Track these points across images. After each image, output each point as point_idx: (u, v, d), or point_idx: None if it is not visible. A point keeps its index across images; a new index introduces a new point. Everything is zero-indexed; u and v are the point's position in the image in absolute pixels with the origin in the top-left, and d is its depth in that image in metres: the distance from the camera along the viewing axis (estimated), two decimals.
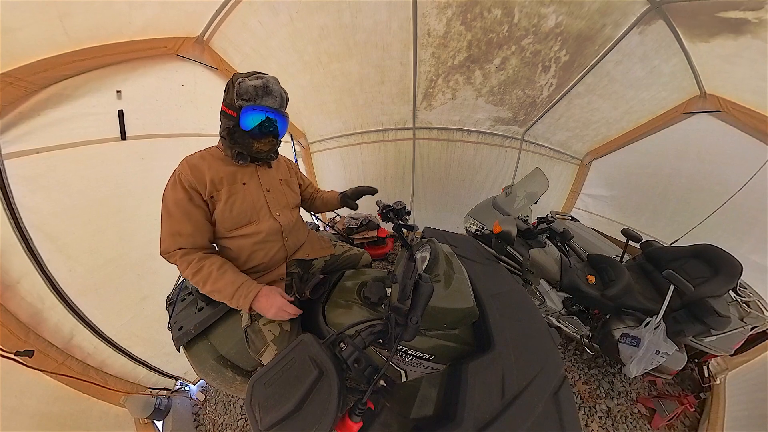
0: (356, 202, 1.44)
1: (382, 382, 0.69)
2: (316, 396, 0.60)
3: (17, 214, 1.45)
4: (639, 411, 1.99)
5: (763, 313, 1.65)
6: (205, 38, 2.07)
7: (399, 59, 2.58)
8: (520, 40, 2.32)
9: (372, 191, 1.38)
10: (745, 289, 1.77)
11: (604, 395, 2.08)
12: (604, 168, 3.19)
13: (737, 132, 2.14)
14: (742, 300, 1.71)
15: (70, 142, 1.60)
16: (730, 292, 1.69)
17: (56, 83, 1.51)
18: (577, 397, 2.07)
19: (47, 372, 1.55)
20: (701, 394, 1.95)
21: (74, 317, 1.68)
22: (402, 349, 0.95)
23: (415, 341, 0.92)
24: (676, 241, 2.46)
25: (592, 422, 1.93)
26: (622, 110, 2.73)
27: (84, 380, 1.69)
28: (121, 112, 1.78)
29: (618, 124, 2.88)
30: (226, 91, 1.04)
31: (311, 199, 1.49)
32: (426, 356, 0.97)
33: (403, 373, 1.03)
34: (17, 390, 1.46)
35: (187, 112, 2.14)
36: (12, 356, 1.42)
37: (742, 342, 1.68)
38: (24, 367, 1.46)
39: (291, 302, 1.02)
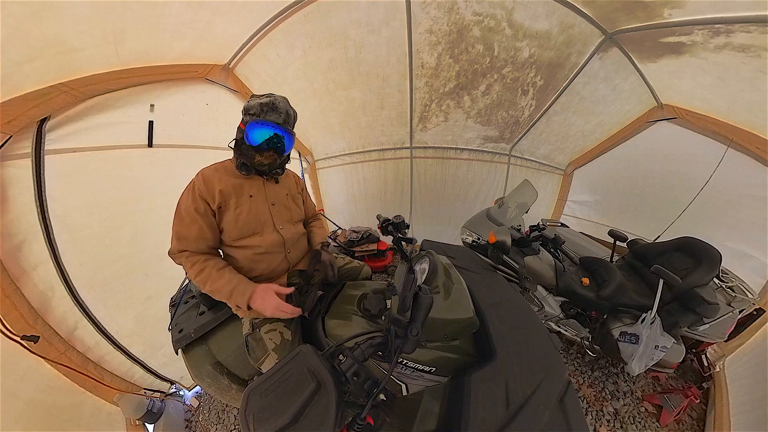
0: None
1: (381, 396, 0.66)
2: (313, 409, 0.58)
3: (45, 205, 1.57)
4: (646, 409, 1.92)
5: (747, 296, 1.71)
6: (230, 66, 2.38)
7: (397, 87, 2.88)
8: (500, 69, 2.65)
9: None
10: (727, 274, 1.82)
11: (610, 397, 2.02)
12: (586, 176, 3.43)
13: (693, 134, 2.42)
14: (726, 285, 1.77)
15: (103, 145, 1.78)
16: (715, 279, 1.75)
17: (102, 95, 1.73)
18: (583, 401, 1.99)
19: (48, 360, 1.55)
20: (704, 384, 1.91)
21: (79, 310, 1.71)
22: (402, 361, 0.92)
23: (416, 353, 0.88)
24: (659, 236, 2.55)
25: (600, 426, 1.85)
26: (594, 123, 3.03)
27: (82, 373, 1.67)
28: (151, 123, 2.01)
29: (593, 136, 3.17)
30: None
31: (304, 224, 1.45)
32: (427, 368, 0.93)
33: (403, 386, 0.99)
34: (17, 375, 1.47)
35: (208, 128, 2.38)
36: (18, 339, 1.45)
37: (734, 326, 1.70)
38: (26, 353, 1.47)
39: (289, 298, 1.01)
